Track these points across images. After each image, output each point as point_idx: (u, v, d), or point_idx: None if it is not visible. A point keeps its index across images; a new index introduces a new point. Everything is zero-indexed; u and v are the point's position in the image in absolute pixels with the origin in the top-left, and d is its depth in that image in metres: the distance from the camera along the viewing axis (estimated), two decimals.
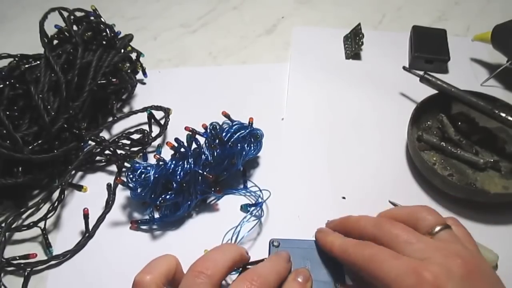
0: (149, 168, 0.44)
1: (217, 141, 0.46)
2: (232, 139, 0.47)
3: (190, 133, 0.46)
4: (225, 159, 0.46)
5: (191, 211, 0.47)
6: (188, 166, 0.44)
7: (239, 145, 0.47)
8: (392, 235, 0.30)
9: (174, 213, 0.45)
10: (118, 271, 0.43)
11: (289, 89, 0.61)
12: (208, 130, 0.47)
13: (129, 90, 0.61)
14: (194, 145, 0.47)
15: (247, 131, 0.48)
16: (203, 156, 0.45)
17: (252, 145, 0.49)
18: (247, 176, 0.50)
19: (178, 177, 0.44)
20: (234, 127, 0.47)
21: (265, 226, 0.46)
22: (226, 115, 0.49)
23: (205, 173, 0.44)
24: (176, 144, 0.45)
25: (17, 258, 0.43)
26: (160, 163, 0.44)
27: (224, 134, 0.47)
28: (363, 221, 0.34)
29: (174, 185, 0.44)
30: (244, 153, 0.48)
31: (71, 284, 0.43)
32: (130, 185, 0.45)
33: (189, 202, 0.45)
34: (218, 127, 0.47)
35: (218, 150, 0.45)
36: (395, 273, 0.27)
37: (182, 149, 0.46)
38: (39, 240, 0.46)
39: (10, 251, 0.45)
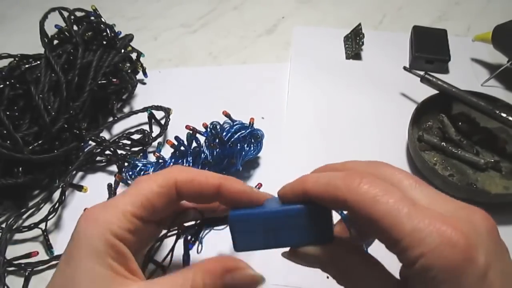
0: (148, 165, 0.44)
1: (217, 140, 0.46)
2: (232, 139, 0.47)
3: (191, 131, 0.46)
4: (225, 158, 0.46)
5: None
6: (187, 164, 0.44)
7: (238, 145, 0.47)
8: (395, 179, 0.23)
9: None
10: None
11: (289, 89, 0.61)
12: (208, 129, 0.47)
13: (129, 90, 0.61)
14: (194, 144, 0.47)
15: (248, 131, 0.48)
16: (202, 155, 0.46)
17: (252, 145, 0.49)
18: (247, 176, 0.50)
19: None
20: (234, 127, 0.47)
21: None
22: (227, 115, 0.49)
23: None
24: (176, 143, 0.45)
25: (19, 257, 0.43)
26: (160, 160, 0.45)
27: (224, 133, 0.47)
28: (350, 164, 0.26)
29: None
30: (243, 153, 0.48)
31: None
32: (129, 182, 0.45)
33: None
34: (218, 127, 0.47)
35: (217, 150, 0.46)
36: (411, 226, 0.20)
37: (182, 148, 0.46)
38: (40, 240, 0.46)
39: (11, 252, 0.45)
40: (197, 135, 0.47)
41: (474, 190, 0.48)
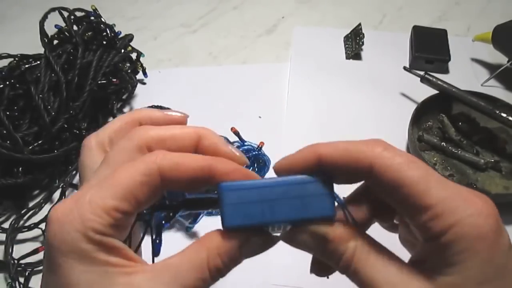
0: None
1: None
2: None
3: None
4: None
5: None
6: None
7: None
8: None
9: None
10: None
11: (289, 89, 0.61)
12: None
13: (129, 90, 0.61)
14: None
15: (253, 153, 0.46)
16: None
17: (256, 169, 0.48)
18: None
19: None
20: (241, 148, 0.46)
21: None
22: (236, 133, 0.47)
23: None
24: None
25: (26, 254, 0.43)
26: None
27: None
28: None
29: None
30: None
31: None
32: None
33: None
34: None
35: None
36: (444, 193, 0.19)
37: None
38: (40, 240, 0.46)
39: (13, 252, 0.45)
40: None
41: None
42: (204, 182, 0.23)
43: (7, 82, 0.50)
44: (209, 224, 0.43)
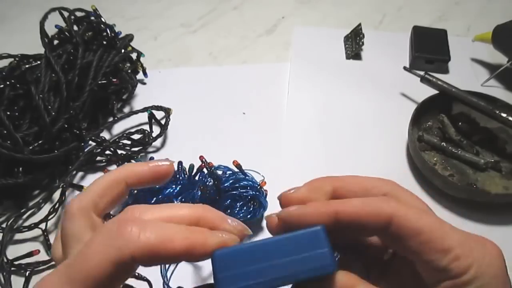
0: None
1: (212, 182, 0.43)
2: (227, 192, 0.44)
3: (201, 162, 0.43)
4: (213, 204, 0.43)
5: None
6: (169, 191, 0.43)
7: (229, 200, 0.44)
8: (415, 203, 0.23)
9: None
10: None
11: (289, 89, 0.61)
12: (208, 170, 0.43)
13: (129, 90, 0.61)
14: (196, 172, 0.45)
15: (250, 193, 0.44)
16: (191, 190, 0.44)
17: (249, 208, 0.45)
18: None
19: (160, 196, 0.43)
20: (242, 182, 0.44)
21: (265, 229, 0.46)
22: (238, 166, 0.44)
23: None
24: (176, 168, 0.44)
25: (21, 256, 0.43)
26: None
27: (225, 183, 0.44)
28: (369, 182, 0.24)
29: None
30: (233, 210, 0.44)
31: None
32: None
33: None
34: (222, 173, 0.45)
35: (208, 194, 0.43)
36: (460, 237, 0.21)
37: (178, 175, 0.44)
38: (40, 240, 0.46)
39: (12, 252, 0.45)
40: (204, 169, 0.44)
41: (474, 190, 0.48)
42: (187, 260, 0.21)
43: (8, 82, 0.50)
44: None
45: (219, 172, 0.46)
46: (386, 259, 0.26)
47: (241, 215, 0.44)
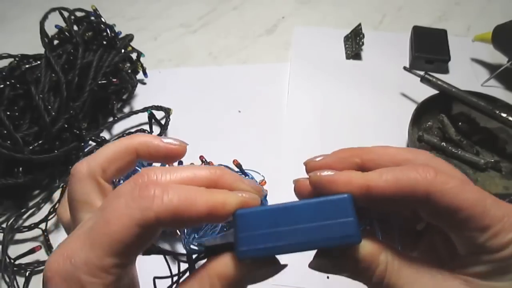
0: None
1: None
2: None
3: (201, 162, 0.43)
4: None
5: None
6: None
7: None
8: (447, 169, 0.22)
9: None
10: None
11: (289, 89, 0.61)
12: None
13: (129, 90, 0.61)
14: None
15: None
16: None
17: None
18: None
19: None
20: None
21: None
22: (238, 165, 0.44)
23: None
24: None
25: (23, 254, 0.43)
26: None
27: None
28: (401, 155, 0.23)
29: None
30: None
31: None
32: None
33: None
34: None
35: None
36: (501, 212, 0.20)
37: None
38: (40, 240, 0.46)
39: (12, 252, 0.45)
40: None
41: None
42: (209, 222, 0.22)
43: (8, 82, 0.50)
44: None
45: None
46: (419, 229, 0.25)
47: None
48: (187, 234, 0.38)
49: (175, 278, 0.22)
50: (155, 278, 0.24)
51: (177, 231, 0.42)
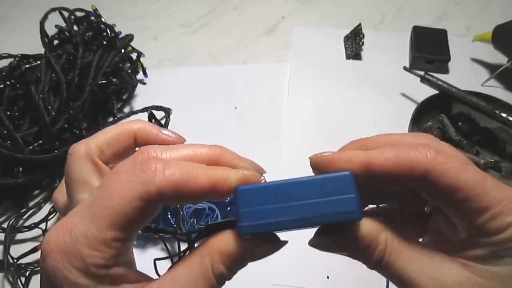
0: None
1: None
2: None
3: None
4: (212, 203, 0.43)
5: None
6: None
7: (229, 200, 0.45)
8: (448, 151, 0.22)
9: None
10: None
11: (289, 89, 0.61)
12: None
13: (129, 90, 0.61)
14: None
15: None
16: None
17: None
18: None
19: None
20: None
21: None
22: None
23: None
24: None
25: (26, 253, 0.43)
26: None
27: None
28: (403, 139, 0.23)
29: None
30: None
31: None
32: None
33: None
34: None
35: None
36: (502, 194, 0.20)
37: None
38: (41, 240, 0.46)
39: (12, 252, 0.45)
40: None
41: None
42: (207, 198, 0.21)
43: (8, 82, 0.50)
44: None
45: None
46: (427, 212, 0.25)
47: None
48: (187, 215, 0.38)
49: (175, 259, 0.23)
50: (155, 260, 0.24)
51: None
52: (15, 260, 0.43)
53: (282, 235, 0.22)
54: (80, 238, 0.18)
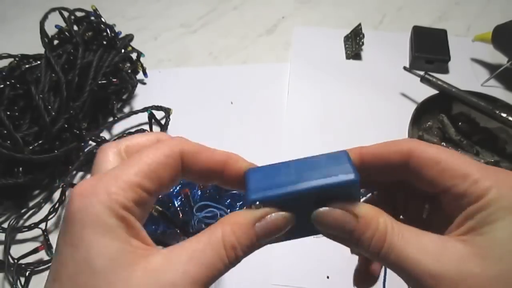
0: None
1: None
2: (227, 191, 0.45)
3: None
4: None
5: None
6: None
7: (229, 200, 0.45)
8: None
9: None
10: None
11: (289, 89, 0.61)
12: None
13: (129, 90, 0.61)
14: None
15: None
16: (191, 190, 0.45)
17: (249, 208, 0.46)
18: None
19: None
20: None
21: None
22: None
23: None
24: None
25: (27, 254, 0.43)
26: None
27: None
28: (390, 142, 0.26)
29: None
30: (233, 210, 0.45)
31: None
32: None
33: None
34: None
35: (208, 193, 0.44)
36: (480, 166, 0.21)
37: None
38: (40, 240, 0.46)
39: (12, 252, 0.45)
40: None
41: None
42: (219, 175, 0.24)
43: (8, 82, 0.50)
44: None
45: None
46: (424, 217, 0.26)
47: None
48: (196, 211, 0.39)
49: None
50: None
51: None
52: (15, 261, 0.43)
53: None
54: (108, 179, 0.20)
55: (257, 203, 0.22)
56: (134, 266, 0.19)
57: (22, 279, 0.43)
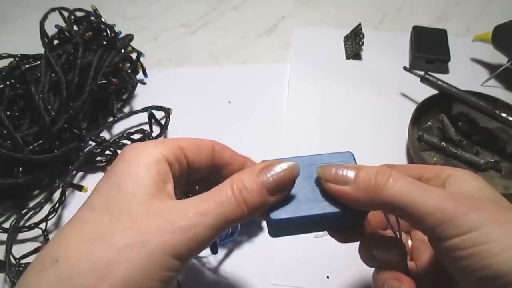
0: None
1: None
2: None
3: None
4: None
5: None
6: None
7: None
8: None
9: None
10: None
11: (289, 89, 0.61)
12: None
13: (129, 90, 0.61)
14: None
15: None
16: None
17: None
18: None
19: None
20: None
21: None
22: None
23: None
24: None
25: (28, 253, 0.43)
26: None
27: None
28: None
29: None
30: None
31: None
32: None
33: None
34: None
35: None
36: (434, 201, 0.24)
37: None
38: (40, 240, 0.46)
39: (13, 252, 0.45)
40: None
41: None
42: (209, 164, 0.29)
43: (7, 82, 0.50)
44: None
45: None
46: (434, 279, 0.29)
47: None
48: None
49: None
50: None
51: None
52: (17, 261, 0.43)
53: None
54: (155, 143, 0.26)
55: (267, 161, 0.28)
56: (160, 195, 0.24)
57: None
